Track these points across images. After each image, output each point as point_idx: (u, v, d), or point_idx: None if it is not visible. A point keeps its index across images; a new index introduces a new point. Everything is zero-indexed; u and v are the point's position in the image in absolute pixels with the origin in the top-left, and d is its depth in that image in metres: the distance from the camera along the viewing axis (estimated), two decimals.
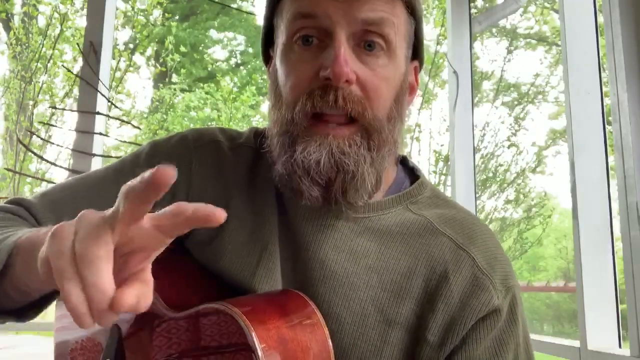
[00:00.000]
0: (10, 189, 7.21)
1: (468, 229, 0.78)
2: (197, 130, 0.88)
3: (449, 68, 2.50)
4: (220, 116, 9.45)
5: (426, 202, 0.81)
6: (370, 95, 0.70)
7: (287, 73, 0.72)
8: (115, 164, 0.88)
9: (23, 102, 7.40)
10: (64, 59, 7.78)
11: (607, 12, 1.44)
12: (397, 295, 0.73)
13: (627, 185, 1.36)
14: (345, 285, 0.73)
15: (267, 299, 0.72)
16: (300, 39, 0.71)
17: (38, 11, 7.58)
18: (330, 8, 0.69)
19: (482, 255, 0.75)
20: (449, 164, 2.52)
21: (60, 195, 0.83)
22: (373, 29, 0.70)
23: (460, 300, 0.72)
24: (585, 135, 1.64)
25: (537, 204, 9.23)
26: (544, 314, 11.92)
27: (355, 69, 0.69)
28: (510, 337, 0.74)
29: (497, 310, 0.72)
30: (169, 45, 8.94)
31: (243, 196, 0.81)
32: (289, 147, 0.70)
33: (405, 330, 0.73)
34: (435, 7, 8.15)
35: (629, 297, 1.36)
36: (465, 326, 0.71)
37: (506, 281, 0.75)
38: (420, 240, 0.76)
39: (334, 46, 0.68)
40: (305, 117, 0.69)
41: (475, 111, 2.50)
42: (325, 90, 0.68)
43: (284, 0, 0.75)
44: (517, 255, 9.30)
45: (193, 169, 0.82)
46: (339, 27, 0.69)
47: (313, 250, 0.75)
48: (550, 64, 9.13)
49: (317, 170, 0.68)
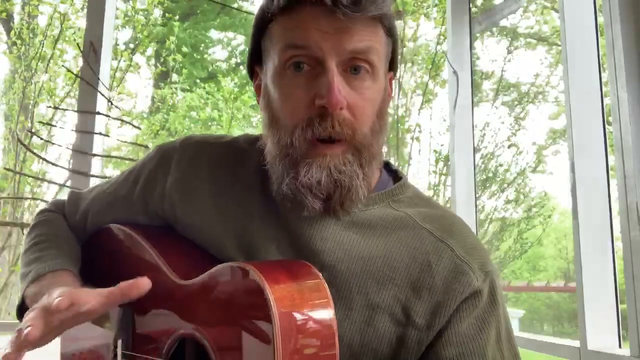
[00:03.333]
0: (11, 189, 7.21)
1: (447, 224, 0.86)
2: (191, 135, 0.99)
3: (449, 68, 2.50)
4: (222, 116, 9.44)
5: (407, 202, 0.89)
6: (357, 116, 0.78)
7: (283, 98, 0.80)
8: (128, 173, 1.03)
9: (23, 102, 7.40)
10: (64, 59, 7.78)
11: (607, 12, 1.44)
12: (379, 282, 0.81)
13: (627, 185, 1.36)
14: (333, 274, 0.80)
15: (277, 262, 0.80)
16: (292, 65, 0.78)
17: (39, 11, 7.58)
18: (321, 41, 0.76)
19: (460, 245, 0.83)
20: (449, 164, 2.52)
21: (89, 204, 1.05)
22: (360, 56, 0.78)
23: (444, 285, 0.80)
24: (585, 135, 1.64)
25: (537, 204, 9.22)
26: (544, 314, 11.93)
27: (345, 95, 0.77)
28: (491, 316, 0.81)
29: (477, 291, 0.80)
30: (171, 45, 8.93)
31: (229, 193, 0.89)
32: (291, 169, 0.78)
33: (389, 315, 0.80)
34: (435, 7, 8.15)
35: (629, 297, 1.37)
36: (450, 308, 0.79)
37: (484, 267, 0.82)
38: (402, 232, 0.84)
39: (327, 76, 0.75)
40: (305, 142, 0.77)
41: (475, 111, 2.50)
42: (323, 118, 0.76)
43: (273, 27, 0.81)
44: (517, 255, 9.30)
45: (173, 163, 0.94)
46: (329, 57, 0.76)
47: (304, 242, 0.83)
48: (550, 64, 9.12)
49: (318, 188, 0.77)
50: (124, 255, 0.96)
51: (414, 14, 8.28)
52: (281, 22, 0.80)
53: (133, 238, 0.94)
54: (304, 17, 0.77)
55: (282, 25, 0.80)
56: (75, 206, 1.07)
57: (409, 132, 8.76)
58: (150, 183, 0.96)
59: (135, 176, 0.99)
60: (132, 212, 0.99)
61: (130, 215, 0.99)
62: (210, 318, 0.75)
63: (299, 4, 0.77)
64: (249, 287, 0.69)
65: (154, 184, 0.95)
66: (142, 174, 0.98)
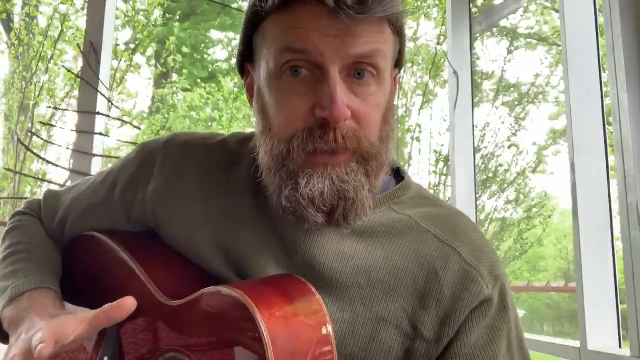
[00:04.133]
0: (11, 189, 7.22)
1: (452, 224, 0.80)
2: (176, 133, 0.91)
3: (449, 68, 2.50)
4: (222, 116, 9.44)
5: (410, 202, 0.82)
6: (363, 125, 0.71)
7: (278, 104, 0.72)
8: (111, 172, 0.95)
9: (23, 102, 7.40)
10: (64, 59, 7.78)
11: (607, 12, 1.44)
12: (385, 293, 0.75)
13: (627, 185, 1.36)
14: (334, 286, 0.75)
15: (268, 281, 0.74)
16: (289, 69, 0.70)
17: (38, 11, 7.59)
18: (322, 44, 0.67)
19: (467, 249, 0.77)
20: (449, 164, 2.52)
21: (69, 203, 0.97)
22: (365, 60, 0.70)
23: (452, 294, 0.75)
24: (585, 135, 1.64)
25: (537, 204, 9.23)
26: (544, 314, 11.93)
27: (349, 104, 0.69)
28: (502, 324, 0.76)
29: (487, 299, 0.75)
30: (170, 46, 8.93)
31: (217, 200, 0.83)
32: (289, 180, 0.71)
33: (395, 328, 0.75)
34: (435, 7, 8.15)
35: (629, 297, 1.37)
36: (459, 318, 0.74)
37: (493, 271, 0.77)
38: (406, 238, 0.78)
39: (329, 85, 0.68)
40: (303, 152, 0.70)
41: (475, 111, 2.50)
42: (324, 131, 0.69)
43: (268, 24, 0.72)
44: (517, 255, 9.31)
45: (156, 166, 0.86)
46: (331, 64, 0.68)
47: (301, 255, 0.77)
48: (550, 64, 9.13)
49: (321, 200, 0.70)
50: (105, 266, 0.89)
51: (414, 14, 8.28)
52: (277, 20, 0.71)
53: (114, 249, 0.87)
54: (302, 16, 0.68)
55: (278, 24, 0.71)
56: (53, 211, 0.97)
57: (409, 132, 8.77)
58: (131, 188, 0.88)
59: (114, 178, 0.91)
60: (113, 217, 0.91)
61: (111, 221, 0.91)
62: (197, 342, 0.71)
63: (297, 2, 0.69)
64: (238, 314, 0.65)
65: (135, 189, 0.87)
66: (121, 177, 0.90)
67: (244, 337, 0.65)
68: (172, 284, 0.79)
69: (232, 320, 0.67)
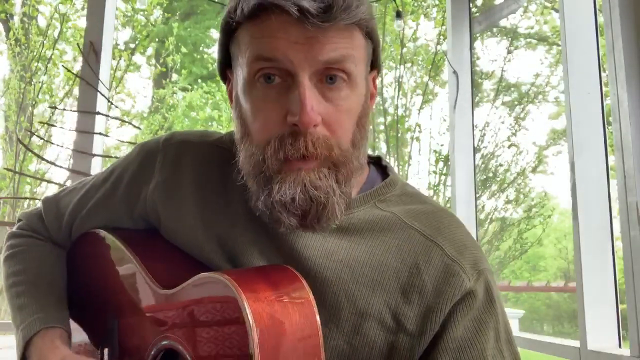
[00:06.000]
0: (10, 189, 7.22)
1: (436, 221, 0.81)
2: (173, 132, 0.94)
3: (449, 68, 2.51)
4: (221, 116, 9.45)
5: (395, 200, 0.84)
6: (335, 131, 0.73)
7: (254, 111, 0.74)
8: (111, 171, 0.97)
9: (23, 102, 7.40)
10: (64, 59, 7.78)
11: (607, 12, 1.44)
12: (369, 287, 0.77)
13: (627, 185, 1.36)
14: (319, 282, 0.77)
15: (257, 269, 0.77)
16: (262, 77, 0.72)
17: (38, 11, 7.59)
18: (291, 52, 0.70)
19: (450, 244, 0.78)
20: (449, 164, 2.52)
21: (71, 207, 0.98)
22: (335, 66, 0.71)
23: (434, 288, 0.76)
24: (585, 135, 1.64)
25: (537, 204, 9.23)
26: (544, 314, 11.92)
27: (319, 110, 0.71)
28: (489, 317, 0.77)
29: (470, 292, 0.76)
30: (170, 46, 8.93)
31: (214, 196, 0.85)
32: (265, 186, 0.73)
33: (378, 322, 0.76)
34: (435, 7, 8.15)
35: (629, 297, 1.37)
36: (442, 312, 0.75)
37: (476, 265, 0.78)
38: (390, 234, 0.80)
39: (299, 91, 0.70)
40: (276, 160, 0.72)
41: (475, 111, 2.51)
42: (295, 138, 0.71)
43: (241, 33, 0.75)
44: (517, 255, 9.30)
45: (156, 165, 0.89)
46: (301, 70, 0.70)
47: (287, 250, 0.79)
48: (551, 64, 9.13)
49: (293, 205, 0.72)
50: (107, 262, 0.93)
51: (414, 14, 8.29)
52: (248, 29, 0.73)
53: (115, 244, 0.91)
54: (271, 26, 0.70)
55: (250, 33, 0.73)
56: (58, 217, 0.99)
57: (409, 132, 8.77)
58: (134, 186, 0.91)
59: (116, 178, 0.94)
60: (116, 215, 0.94)
61: (114, 218, 0.94)
62: (189, 328, 0.74)
63: (266, 12, 0.70)
64: (225, 299, 0.67)
65: (138, 187, 0.91)
66: (124, 176, 0.93)
67: (230, 321, 0.67)
68: (168, 276, 0.81)
69: (219, 304, 0.69)
